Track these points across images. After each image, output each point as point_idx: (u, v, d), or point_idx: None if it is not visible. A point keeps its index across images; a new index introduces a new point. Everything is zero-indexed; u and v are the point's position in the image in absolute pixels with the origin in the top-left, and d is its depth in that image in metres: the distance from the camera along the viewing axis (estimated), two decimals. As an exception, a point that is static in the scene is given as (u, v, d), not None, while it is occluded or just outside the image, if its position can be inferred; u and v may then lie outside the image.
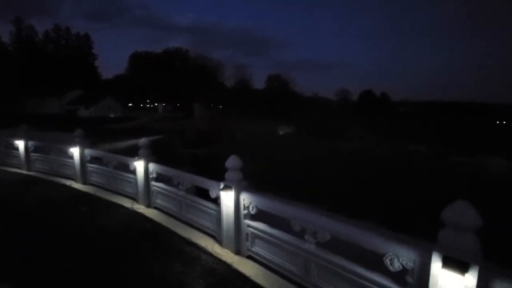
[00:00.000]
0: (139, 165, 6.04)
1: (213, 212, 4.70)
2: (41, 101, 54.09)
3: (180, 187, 5.34)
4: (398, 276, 2.73)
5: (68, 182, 7.67)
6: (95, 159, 7.45)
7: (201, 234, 4.92)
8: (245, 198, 4.18)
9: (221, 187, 4.31)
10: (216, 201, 4.61)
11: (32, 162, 8.74)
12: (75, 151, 7.45)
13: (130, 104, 78.60)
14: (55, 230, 5.13)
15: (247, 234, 4.21)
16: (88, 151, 7.44)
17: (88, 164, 7.45)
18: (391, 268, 2.72)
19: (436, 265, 2.34)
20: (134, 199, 6.39)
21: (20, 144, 8.68)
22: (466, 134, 57.35)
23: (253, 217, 4.19)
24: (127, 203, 6.31)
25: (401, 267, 2.66)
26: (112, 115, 52.84)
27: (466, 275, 2.18)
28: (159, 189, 5.88)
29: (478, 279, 2.18)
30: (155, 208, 6.01)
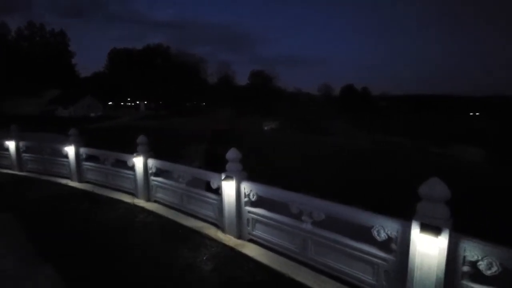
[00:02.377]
0: (138, 161, 6.26)
1: (215, 201, 5.05)
2: (17, 101, 51.86)
3: (180, 180, 5.63)
4: (384, 245, 3.20)
5: (64, 181, 7.75)
6: (90, 157, 7.56)
7: (204, 223, 5.26)
8: (245, 187, 4.55)
9: (223, 177, 4.65)
10: (217, 191, 4.96)
11: (24, 162, 8.71)
12: (70, 150, 7.54)
13: (110, 103, 76.65)
14: (62, 225, 5.32)
15: (248, 219, 4.59)
16: (83, 150, 7.55)
17: (84, 162, 7.56)
18: (378, 238, 3.18)
19: (415, 232, 2.81)
20: (133, 194, 6.61)
21: (11, 144, 8.62)
22: (443, 125, 60.07)
23: (253, 204, 4.57)
24: (126, 198, 6.53)
25: (386, 237, 3.13)
26: (92, 114, 51.45)
27: (439, 237, 2.65)
28: (159, 183, 6.14)
29: (449, 240, 2.66)
30: (155, 202, 6.27)
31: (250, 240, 4.61)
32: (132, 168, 6.45)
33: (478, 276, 2.59)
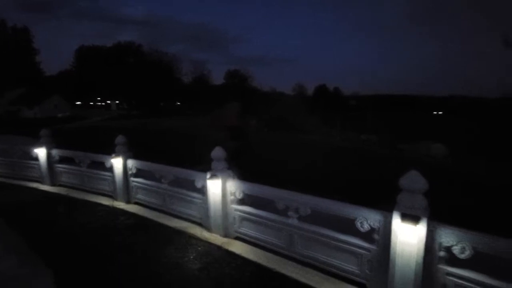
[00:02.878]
0: (116, 162, 6.06)
1: (200, 201, 5.02)
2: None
3: (163, 180, 5.53)
4: (367, 236, 3.38)
5: (34, 185, 7.31)
6: (64, 159, 7.19)
7: (188, 223, 5.21)
8: (231, 185, 4.58)
9: (208, 177, 4.64)
10: (202, 190, 4.94)
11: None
12: (40, 152, 7.11)
13: (79, 103, 72.76)
14: (41, 230, 5.04)
15: (234, 217, 4.62)
16: (56, 151, 7.15)
17: (57, 165, 7.17)
18: (361, 229, 3.36)
19: (396, 221, 3.00)
20: (112, 196, 6.38)
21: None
22: (409, 124, 63.58)
23: (239, 202, 4.61)
24: (105, 201, 6.29)
25: (369, 228, 3.31)
26: (60, 115, 48.52)
27: (418, 225, 2.85)
28: (140, 184, 5.99)
29: (427, 228, 2.88)
30: (136, 203, 6.11)
31: (237, 238, 4.65)
32: (111, 169, 6.23)
33: (452, 260, 2.83)
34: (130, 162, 6.03)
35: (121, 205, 6.08)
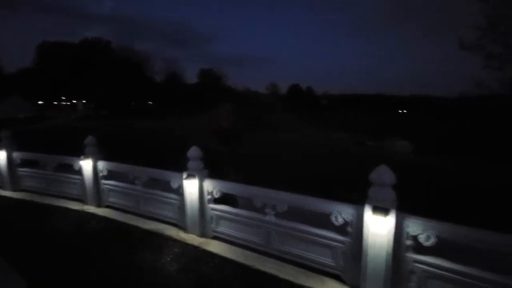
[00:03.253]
0: (86, 164, 5.78)
1: (176, 201, 4.94)
2: None
3: (136, 182, 5.37)
4: (341, 229, 3.53)
5: (-7, 191, 6.76)
6: (27, 163, 6.72)
7: (164, 225, 5.10)
8: (208, 184, 4.56)
9: (184, 176, 4.58)
10: (178, 191, 4.86)
11: None
12: (0, 155, 6.59)
13: (41, 102, 68.05)
14: (5, 239, 4.68)
15: (211, 217, 4.60)
16: (17, 154, 6.67)
17: (19, 169, 6.68)
18: (336, 223, 3.50)
19: (367, 214, 3.16)
20: (81, 200, 6.07)
21: None
22: (377, 121, 66.66)
23: (216, 201, 4.60)
24: (74, 205, 5.98)
25: (343, 221, 3.46)
26: (21, 115, 45.06)
27: (387, 217, 3.03)
28: (111, 187, 5.76)
29: (395, 219, 3.07)
30: (108, 207, 5.87)
31: (215, 237, 4.64)
32: (79, 172, 5.93)
33: (418, 248, 3.05)
34: (101, 164, 5.78)
35: (91, 209, 5.82)
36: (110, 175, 5.84)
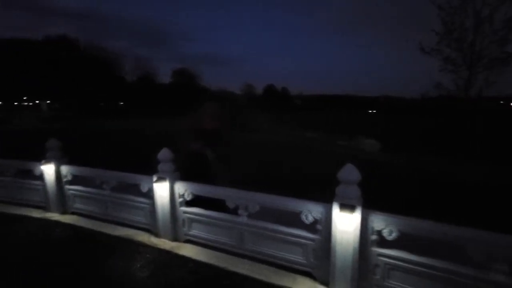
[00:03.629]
0: (48, 169, 5.46)
1: (146, 206, 4.81)
2: None
3: (104, 186, 5.16)
4: (311, 227, 3.63)
5: None
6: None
7: (135, 230, 4.95)
8: (179, 187, 4.49)
9: (155, 179, 4.48)
10: (148, 194, 4.74)
11: None
12: None
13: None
14: None
15: (183, 220, 4.54)
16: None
17: (-29, 176, 6.15)
18: (306, 221, 3.59)
19: (335, 211, 3.28)
20: (44, 208, 5.73)
21: None
22: (348, 121, 69.16)
23: (189, 204, 4.54)
24: (36, 213, 5.62)
25: (313, 219, 3.56)
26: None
27: (354, 213, 3.17)
28: (77, 192, 5.49)
29: (361, 215, 3.21)
30: (74, 213, 5.59)
31: (187, 241, 4.58)
32: (41, 177, 5.59)
33: (382, 242, 3.21)
34: (65, 168, 5.49)
35: (55, 216, 5.51)
36: (76, 180, 5.57)
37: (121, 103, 73.99)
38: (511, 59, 15.05)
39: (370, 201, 3.58)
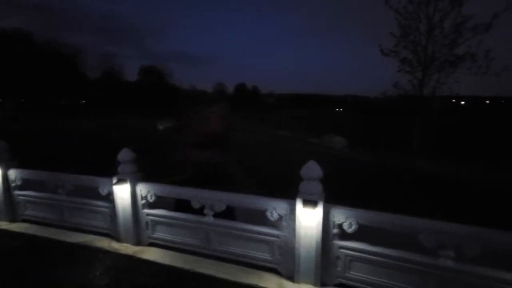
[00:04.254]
0: (-6, 174, 4.98)
1: (106, 209, 4.56)
2: None
3: (59, 190, 4.81)
4: (276, 223, 3.66)
5: None
6: None
7: (94, 236, 4.68)
8: (142, 188, 4.30)
9: (114, 181, 4.26)
10: (108, 197, 4.50)
11: None
12: None
13: None
14: None
15: (147, 222, 4.37)
16: None
17: None
18: (271, 218, 3.61)
19: (299, 207, 3.34)
20: (-11, 216, 5.21)
21: None
22: (317, 119, 71.27)
23: (152, 206, 4.38)
24: (-21, 222, 5.10)
25: (278, 216, 3.59)
26: None
27: (316, 208, 3.25)
28: (28, 198, 5.07)
29: (323, 210, 3.30)
30: (25, 221, 5.16)
31: (151, 244, 4.41)
32: (-15, 183, 5.08)
33: (343, 235, 3.33)
34: (13, 173, 5.04)
35: (3, 225, 5.04)
36: (27, 185, 5.13)
37: (83, 101, 69.75)
38: (459, 62, 16.35)
39: (336, 194, 3.69)
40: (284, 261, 3.63)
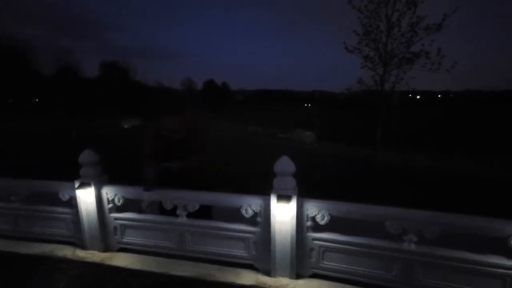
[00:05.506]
0: None
1: (68, 216, 4.25)
2: None
3: (12, 198, 4.40)
4: (251, 220, 3.67)
5: None
6: None
7: (56, 245, 4.34)
8: (108, 191, 4.07)
9: (77, 186, 3.98)
10: (70, 203, 4.20)
11: None
12: None
13: None
14: None
15: (115, 227, 4.14)
16: None
17: None
18: (246, 215, 3.60)
19: (273, 203, 3.36)
20: None
21: None
22: (286, 115, 72.53)
23: (119, 209, 4.16)
24: None
25: (253, 213, 3.59)
26: None
27: (290, 203, 3.29)
28: (-24, 209, 4.56)
29: (296, 204, 3.35)
30: (-28, 233, 4.64)
31: (121, 250, 4.20)
32: None
33: (316, 227, 3.42)
34: (-44, 181, 4.50)
35: None
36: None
37: (36, 99, 64.37)
38: (415, 58, 17.51)
39: (309, 188, 3.76)
40: (260, 256, 3.65)
